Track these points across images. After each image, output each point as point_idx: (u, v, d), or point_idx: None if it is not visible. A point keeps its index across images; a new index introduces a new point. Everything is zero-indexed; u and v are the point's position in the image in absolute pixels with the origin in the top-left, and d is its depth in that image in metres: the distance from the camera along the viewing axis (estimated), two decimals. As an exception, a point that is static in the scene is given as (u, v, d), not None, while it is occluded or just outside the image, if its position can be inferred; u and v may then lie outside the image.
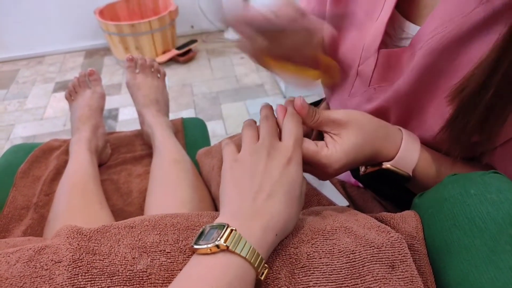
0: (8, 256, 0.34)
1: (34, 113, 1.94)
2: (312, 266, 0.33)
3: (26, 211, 0.65)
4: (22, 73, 2.30)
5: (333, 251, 0.34)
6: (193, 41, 2.38)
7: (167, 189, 0.62)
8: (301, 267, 0.33)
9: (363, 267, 0.32)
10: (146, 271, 0.33)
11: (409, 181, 0.43)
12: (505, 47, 0.32)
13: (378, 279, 0.32)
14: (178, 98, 1.99)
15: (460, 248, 0.33)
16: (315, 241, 0.35)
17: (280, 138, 0.40)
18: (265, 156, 0.37)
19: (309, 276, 0.32)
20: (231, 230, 0.30)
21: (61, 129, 1.81)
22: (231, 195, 0.36)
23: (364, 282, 0.31)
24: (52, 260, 0.33)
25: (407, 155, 0.42)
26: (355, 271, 0.32)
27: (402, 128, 0.44)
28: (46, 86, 2.16)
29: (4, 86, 2.17)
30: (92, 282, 0.31)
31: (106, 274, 0.32)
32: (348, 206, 0.56)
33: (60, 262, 0.33)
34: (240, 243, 0.30)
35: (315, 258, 0.33)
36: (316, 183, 0.58)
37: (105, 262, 0.33)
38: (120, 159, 0.80)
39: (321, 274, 0.32)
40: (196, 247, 0.31)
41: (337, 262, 0.33)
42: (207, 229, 0.32)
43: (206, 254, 0.30)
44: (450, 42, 0.37)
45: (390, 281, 0.32)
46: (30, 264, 0.33)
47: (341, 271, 0.32)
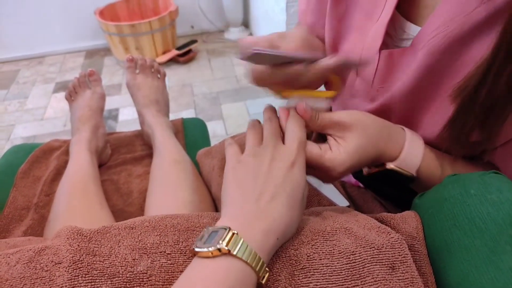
0: (8, 257, 0.34)
1: (35, 114, 1.94)
2: (312, 268, 0.33)
3: (27, 212, 0.65)
4: (23, 74, 2.30)
5: (333, 252, 0.34)
6: (193, 41, 2.38)
7: (167, 190, 0.62)
8: (301, 269, 0.33)
9: (364, 268, 0.32)
10: (147, 273, 0.33)
11: (413, 181, 0.43)
12: (499, 46, 0.32)
13: (379, 280, 0.31)
14: (178, 99, 1.99)
15: (460, 249, 0.33)
16: (315, 242, 0.35)
17: (283, 141, 0.40)
18: (269, 159, 0.36)
19: (309, 278, 0.32)
20: (233, 234, 0.30)
21: (61, 130, 1.82)
22: (233, 196, 0.36)
23: (364, 283, 0.31)
24: (52, 261, 0.33)
25: (411, 155, 0.41)
26: (355, 272, 0.32)
27: (406, 128, 0.43)
28: (47, 87, 2.16)
29: (5, 87, 2.18)
30: (92, 284, 0.31)
31: (106, 276, 0.32)
32: (349, 206, 0.56)
33: (60, 264, 0.33)
34: (242, 247, 0.30)
35: (315, 260, 0.33)
36: (316, 183, 0.58)
37: (105, 264, 0.33)
38: (120, 160, 0.80)
39: (321, 276, 0.32)
40: (198, 250, 0.31)
41: (337, 263, 0.33)
42: (209, 232, 0.32)
43: (208, 258, 0.30)
44: (452, 42, 0.37)
45: (391, 282, 0.32)
46: (30, 265, 0.33)
47: (341, 272, 0.32)
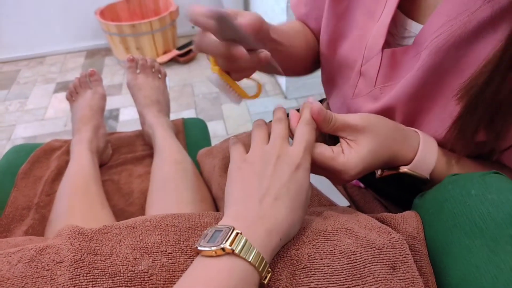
0: (10, 256, 0.34)
1: (35, 114, 1.94)
2: (313, 267, 0.33)
3: (28, 211, 0.65)
4: (23, 74, 2.31)
5: (334, 252, 0.34)
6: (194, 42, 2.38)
7: (168, 190, 0.62)
8: (302, 268, 0.33)
9: (364, 268, 0.32)
10: (148, 272, 0.33)
11: (426, 184, 0.43)
12: (508, 45, 0.32)
13: (379, 280, 0.32)
14: (179, 99, 1.99)
15: (461, 248, 0.33)
16: (316, 242, 0.35)
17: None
18: (275, 160, 0.36)
19: (310, 277, 0.32)
20: (237, 234, 0.30)
21: (62, 130, 1.82)
22: (237, 196, 0.35)
23: (365, 283, 0.31)
24: (54, 261, 0.33)
25: (425, 159, 0.41)
26: (356, 272, 0.32)
27: (419, 131, 0.43)
28: (47, 87, 2.16)
29: (5, 87, 2.18)
30: (94, 283, 0.31)
31: (108, 275, 0.32)
32: (349, 206, 0.56)
33: (62, 263, 0.33)
34: (246, 247, 0.30)
35: (316, 259, 0.33)
36: (317, 183, 0.58)
37: (107, 263, 0.33)
38: (121, 160, 0.80)
39: (322, 275, 0.32)
40: (201, 249, 0.30)
41: (338, 263, 0.33)
42: (212, 231, 0.32)
43: (211, 257, 0.30)
44: (456, 41, 0.37)
45: (391, 282, 0.32)
46: (32, 264, 0.33)
47: (342, 272, 0.32)
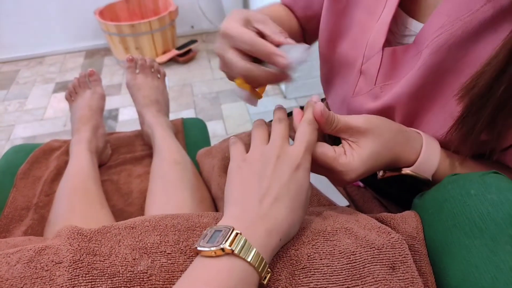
0: (9, 257, 0.34)
1: (35, 114, 1.94)
2: (313, 267, 0.33)
3: (27, 212, 0.65)
4: (22, 74, 2.30)
5: (334, 252, 0.34)
6: (193, 41, 2.38)
7: (168, 190, 0.62)
8: (302, 268, 0.33)
9: (364, 268, 0.32)
10: (147, 272, 0.33)
11: (427, 185, 0.42)
12: None
13: (379, 280, 0.32)
14: (178, 98, 1.99)
15: (461, 248, 0.33)
16: (316, 242, 0.35)
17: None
18: (275, 159, 0.36)
19: (310, 278, 0.32)
20: (237, 234, 0.30)
21: (61, 130, 1.82)
22: (237, 196, 0.35)
23: (365, 284, 0.31)
24: (53, 261, 0.33)
25: (428, 160, 0.41)
26: (356, 272, 0.32)
27: (422, 132, 0.43)
28: (47, 87, 2.16)
29: (5, 87, 2.18)
30: (93, 283, 0.31)
31: (107, 275, 0.32)
32: (348, 206, 0.56)
33: (61, 263, 0.33)
34: (245, 248, 0.30)
35: (316, 259, 0.33)
36: (316, 183, 0.58)
37: (106, 263, 0.33)
38: (120, 160, 0.80)
39: (322, 276, 0.32)
40: (200, 249, 0.30)
41: (338, 263, 0.33)
42: (212, 231, 0.32)
43: (211, 257, 0.30)
44: (458, 40, 0.37)
45: (391, 282, 0.32)
46: (31, 265, 0.33)
47: (342, 272, 0.32)
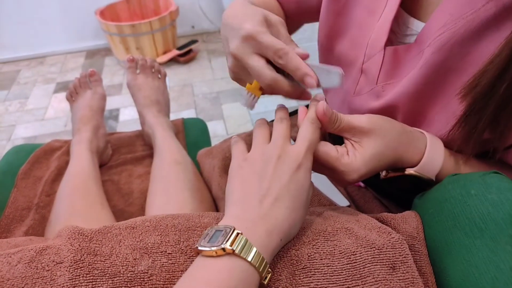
0: (10, 257, 0.34)
1: (35, 114, 1.94)
2: (313, 267, 0.33)
3: (28, 212, 0.65)
4: (23, 74, 2.31)
5: (334, 252, 0.34)
6: (194, 41, 2.38)
7: (168, 190, 0.62)
8: (302, 268, 0.33)
9: (364, 268, 0.32)
10: (147, 272, 0.33)
11: (431, 185, 0.42)
12: None
13: (379, 280, 0.32)
14: (179, 99, 1.99)
15: (461, 248, 0.33)
16: (316, 242, 0.35)
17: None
18: (276, 159, 0.36)
19: (310, 278, 0.32)
20: (237, 234, 0.30)
21: (62, 130, 1.82)
22: (238, 196, 0.35)
23: (365, 284, 0.31)
24: (54, 261, 0.33)
25: (432, 160, 0.41)
26: (356, 272, 0.32)
27: (426, 132, 0.43)
28: (47, 87, 2.16)
29: (5, 87, 2.18)
30: (93, 283, 0.31)
31: (108, 275, 0.32)
32: (349, 206, 0.56)
33: (62, 263, 0.33)
34: (246, 248, 0.30)
35: (316, 259, 0.33)
36: (317, 182, 0.58)
37: (106, 263, 0.33)
38: (121, 160, 0.80)
39: (322, 276, 0.32)
40: (201, 249, 0.30)
41: (338, 263, 0.33)
42: (213, 231, 0.32)
43: (211, 257, 0.30)
44: (460, 39, 0.37)
45: (391, 282, 0.32)
46: (32, 265, 0.33)
47: (342, 272, 0.32)
